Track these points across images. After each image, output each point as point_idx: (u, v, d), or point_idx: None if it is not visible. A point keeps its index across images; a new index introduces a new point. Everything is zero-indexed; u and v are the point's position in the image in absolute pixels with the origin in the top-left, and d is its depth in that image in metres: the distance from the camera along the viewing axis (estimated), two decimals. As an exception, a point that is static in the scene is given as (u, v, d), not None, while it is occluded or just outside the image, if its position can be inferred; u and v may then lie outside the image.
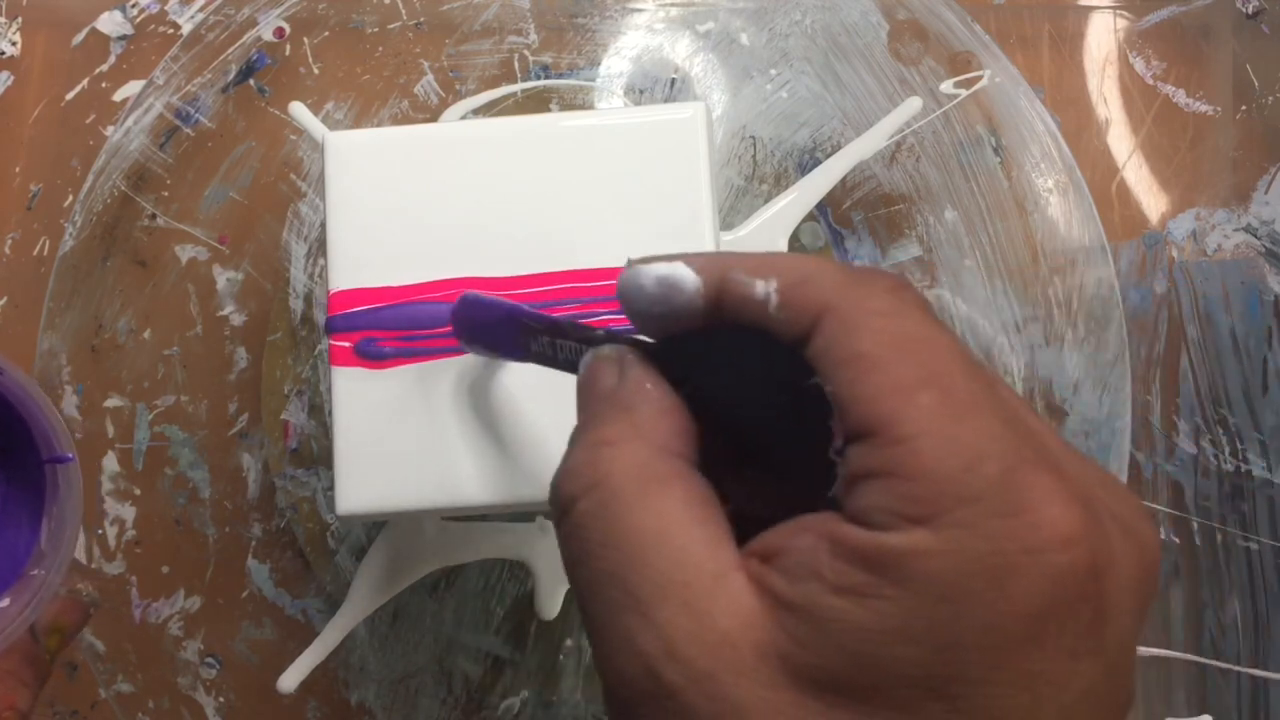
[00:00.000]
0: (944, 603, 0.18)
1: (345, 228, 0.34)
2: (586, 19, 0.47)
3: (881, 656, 0.18)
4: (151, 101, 0.46)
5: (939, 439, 0.18)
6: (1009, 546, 0.18)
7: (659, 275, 0.22)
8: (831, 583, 0.18)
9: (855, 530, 0.19)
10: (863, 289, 0.21)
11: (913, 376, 0.19)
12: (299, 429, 0.45)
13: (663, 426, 0.22)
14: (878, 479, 0.19)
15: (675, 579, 0.20)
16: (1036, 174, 0.44)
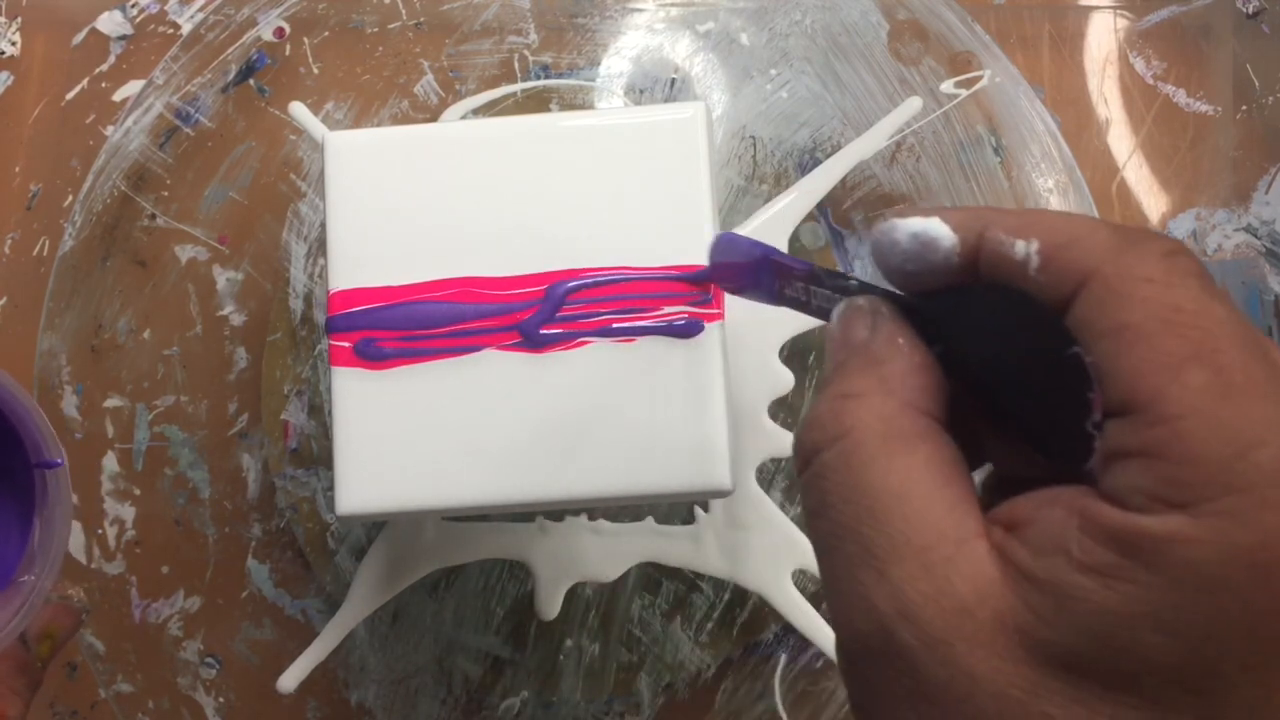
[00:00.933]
0: (1202, 593, 0.17)
1: (345, 228, 0.34)
2: (586, 19, 0.46)
3: (1127, 642, 0.17)
4: (151, 101, 0.46)
5: (1208, 421, 0.17)
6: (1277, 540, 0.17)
7: (914, 230, 0.22)
8: (1079, 560, 0.18)
9: (1109, 509, 0.18)
10: (1133, 254, 0.19)
11: (1182, 351, 0.18)
12: (299, 429, 0.45)
13: (912, 383, 0.22)
14: (1138, 458, 0.18)
15: (915, 540, 0.19)
16: (1037, 174, 0.44)
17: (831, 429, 0.21)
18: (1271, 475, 0.17)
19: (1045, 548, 0.18)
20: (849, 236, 0.45)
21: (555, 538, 0.42)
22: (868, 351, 0.22)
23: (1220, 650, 0.17)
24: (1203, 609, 0.17)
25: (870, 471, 0.20)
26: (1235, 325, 0.19)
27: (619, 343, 0.33)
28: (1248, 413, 0.17)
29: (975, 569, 0.19)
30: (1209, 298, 0.19)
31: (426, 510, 0.33)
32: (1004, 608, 0.18)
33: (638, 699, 0.43)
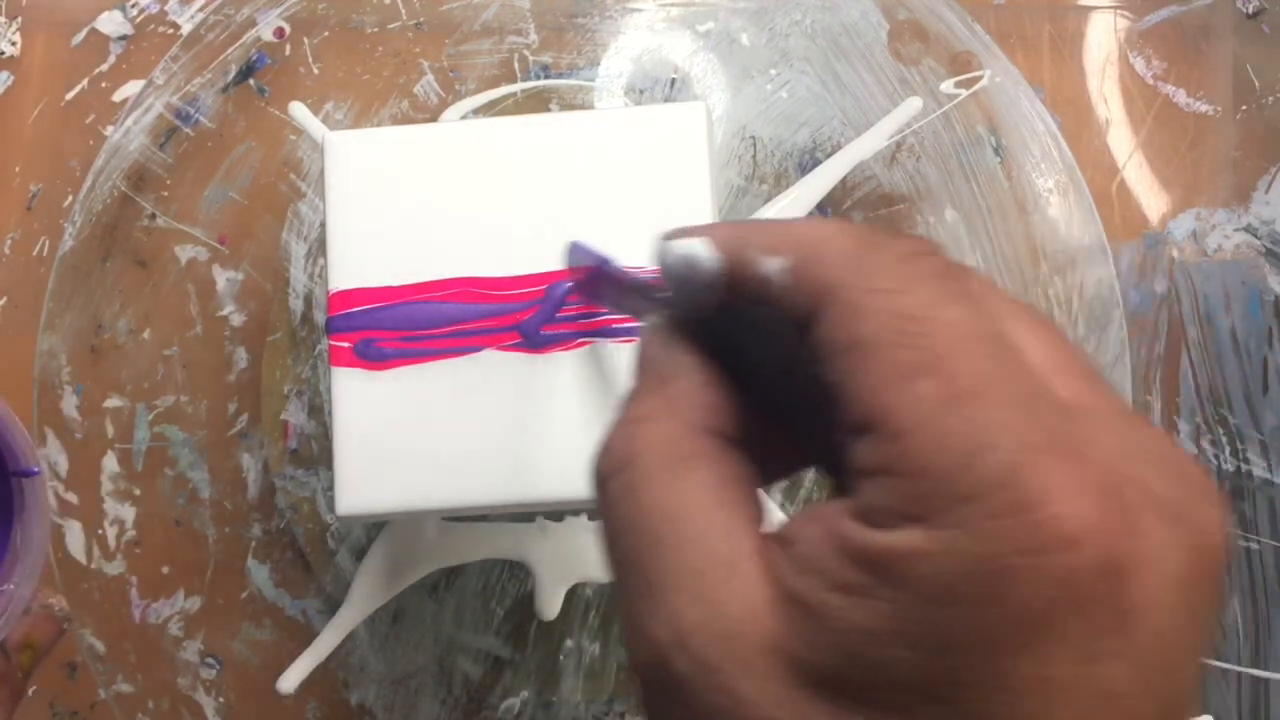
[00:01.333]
0: (937, 606, 0.17)
1: (345, 228, 0.34)
2: (586, 19, 0.46)
3: (877, 658, 0.17)
4: (151, 101, 0.46)
5: (936, 432, 0.17)
6: (1005, 548, 0.17)
7: (682, 253, 0.21)
8: (832, 579, 0.18)
9: (856, 527, 0.18)
10: (869, 262, 0.19)
11: (911, 362, 0.18)
12: (299, 429, 0.45)
13: (698, 401, 0.21)
14: (879, 475, 0.18)
15: (689, 565, 0.19)
16: (1037, 174, 0.44)
17: (618, 456, 0.21)
18: (997, 480, 0.17)
19: (805, 566, 0.18)
20: (849, 236, 0.45)
21: (555, 538, 0.42)
22: (657, 372, 0.22)
23: (958, 660, 0.17)
24: (940, 621, 0.17)
25: (651, 498, 0.20)
26: (968, 326, 0.18)
27: (619, 343, 0.33)
28: (974, 418, 0.17)
29: (744, 591, 0.19)
30: (942, 300, 0.18)
31: (426, 510, 0.33)
32: (770, 630, 0.18)
33: (638, 699, 0.43)
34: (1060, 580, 0.17)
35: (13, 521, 0.38)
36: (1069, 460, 0.17)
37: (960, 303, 0.18)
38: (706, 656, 0.18)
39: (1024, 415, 0.17)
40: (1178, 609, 0.17)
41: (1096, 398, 0.19)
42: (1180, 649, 0.18)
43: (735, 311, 0.22)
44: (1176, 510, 0.18)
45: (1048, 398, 0.18)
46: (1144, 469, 0.18)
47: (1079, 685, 0.17)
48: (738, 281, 0.21)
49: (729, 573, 0.19)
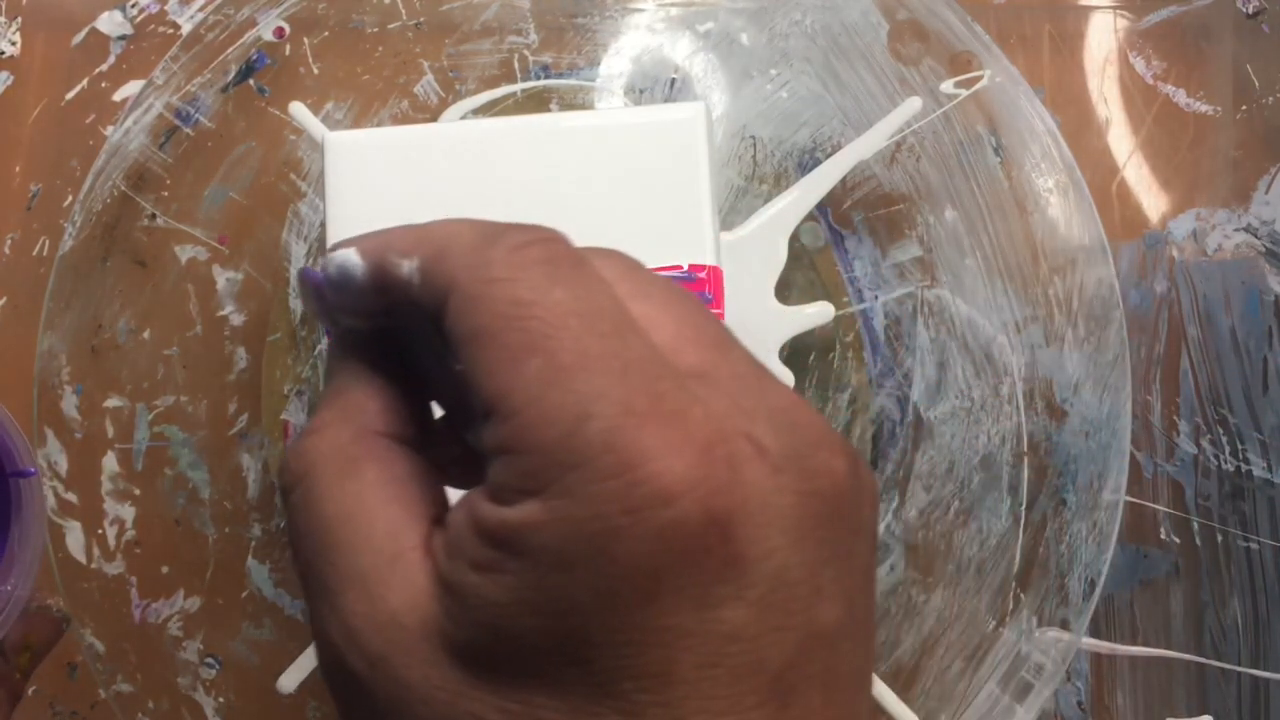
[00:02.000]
0: (555, 571, 0.18)
1: (345, 228, 0.34)
2: (586, 19, 0.46)
3: (512, 628, 0.18)
4: (151, 101, 0.46)
5: (543, 407, 0.18)
6: (609, 509, 0.17)
7: (338, 262, 0.22)
8: (471, 558, 0.19)
9: (487, 506, 0.19)
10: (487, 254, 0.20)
11: (519, 344, 0.19)
12: (299, 429, 0.45)
13: (370, 407, 0.22)
14: (500, 455, 0.19)
15: (356, 564, 0.20)
16: (1036, 174, 0.44)
17: (296, 468, 0.21)
18: (598, 447, 0.18)
19: (452, 550, 0.19)
20: (849, 236, 0.45)
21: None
22: (335, 382, 0.23)
23: (583, 620, 0.18)
24: (559, 586, 0.18)
25: (324, 504, 0.21)
26: (573, 304, 0.19)
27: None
28: (576, 390, 0.18)
29: (406, 581, 0.19)
30: (550, 284, 0.19)
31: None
32: (429, 615, 0.19)
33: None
34: (663, 534, 0.17)
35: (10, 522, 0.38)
36: (669, 421, 0.18)
37: (567, 285, 0.19)
38: (374, 648, 0.19)
39: (625, 383, 0.18)
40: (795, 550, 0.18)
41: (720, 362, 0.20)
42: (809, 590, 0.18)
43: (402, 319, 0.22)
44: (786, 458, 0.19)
45: (655, 366, 0.19)
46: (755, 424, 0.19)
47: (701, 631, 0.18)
48: (383, 286, 0.22)
49: (392, 566, 0.20)
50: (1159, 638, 0.43)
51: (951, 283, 0.44)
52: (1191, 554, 0.43)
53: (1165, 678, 0.42)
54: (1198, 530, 0.43)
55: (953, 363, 0.43)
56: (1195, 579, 0.43)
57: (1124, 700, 0.42)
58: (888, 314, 0.44)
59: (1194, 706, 0.42)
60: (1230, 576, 0.43)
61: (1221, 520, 0.43)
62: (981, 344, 0.44)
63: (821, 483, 0.19)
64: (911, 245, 0.44)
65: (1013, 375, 0.44)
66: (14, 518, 0.37)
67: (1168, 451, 0.44)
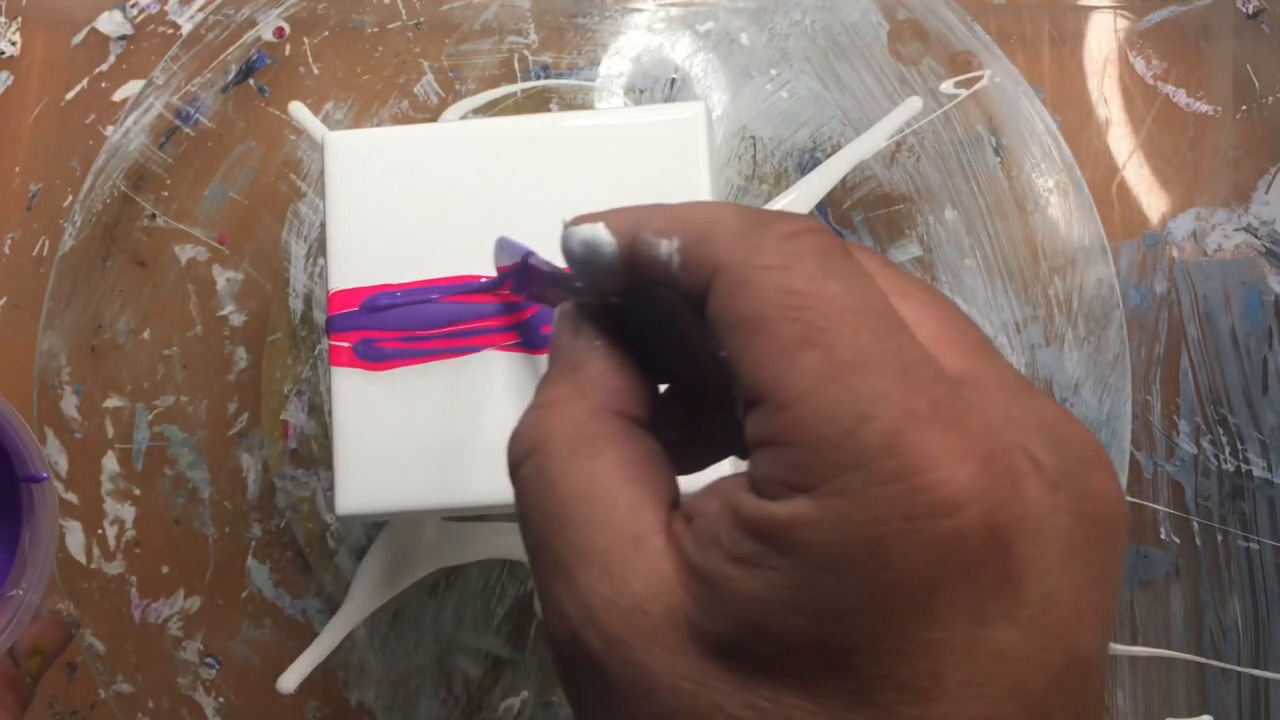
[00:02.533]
0: (826, 573, 0.17)
1: (345, 228, 0.34)
2: (586, 19, 0.46)
3: (774, 626, 0.18)
4: (151, 101, 0.46)
5: (819, 402, 0.18)
6: (889, 514, 0.17)
7: (583, 238, 0.22)
8: (729, 551, 0.18)
9: (750, 498, 0.18)
10: (755, 240, 0.19)
11: (794, 336, 0.18)
12: (299, 429, 0.45)
13: (607, 384, 0.22)
14: (768, 447, 0.18)
15: (597, 543, 0.20)
16: (1036, 174, 0.44)
17: (528, 442, 0.21)
18: (879, 449, 0.17)
19: (704, 539, 0.19)
20: (849, 236, 0.45)
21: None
22: (568, 357, 0.22)
23: (850, 625, 0.17)
24: (829, 588, 0.17)
25: (560, 481, 0.20)
26: (851, 299, 0.18)
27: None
28: (856, 388, 0.18)
29: (650, 566, 0.19)
30: (824, 275, 0.19)
31: (426, 510, 0.33)
32: (675, 603, 0.19)
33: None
34: (944, 545, 0.17)
35: (21, 527, 0.38)
36: (950, 427, 0.17)
37: (842, 278, 0.19)
38: (614, 631, 0.19)
39: (905, 385, 0.18)
40: (1066, 573, 0.18)
41: (985, 368, 0.20)
42: (1074, 612, 0.18)
43: (645, 295, 0.22)
44: (1061, 476, 0.18)
45: (930, 369, 0.18)
46: (1030, 437, 0.18)
47: (970, 647, 0.17)
48: (635, 264, 0.21)
49: (634, 549, 0.19)
50: (1159, 638, 0.43)
51: (951, 283, 0.44)
52: (1191, 554, 0.43)
53: (1165, 677, 0.42)
54: (1198, 530, 0.43)
55: (953, 363, 0.43)
56: (1195, 579, 0.43)
57: (1124, 700, 0.42)
58: (888, 314, 0.44)
59: (1194, 706, 0.42)
60: (1230, 576, 0.43)
61: (1221, 520, 0.43)
62: (981, 344, 0.43)
63: (1094, 505, 0.18)
64: (911, 245, 0.44)
65: (1013, 375, 0.43)
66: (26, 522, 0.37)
67: (1168, 451, 0.44)
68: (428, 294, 0.34)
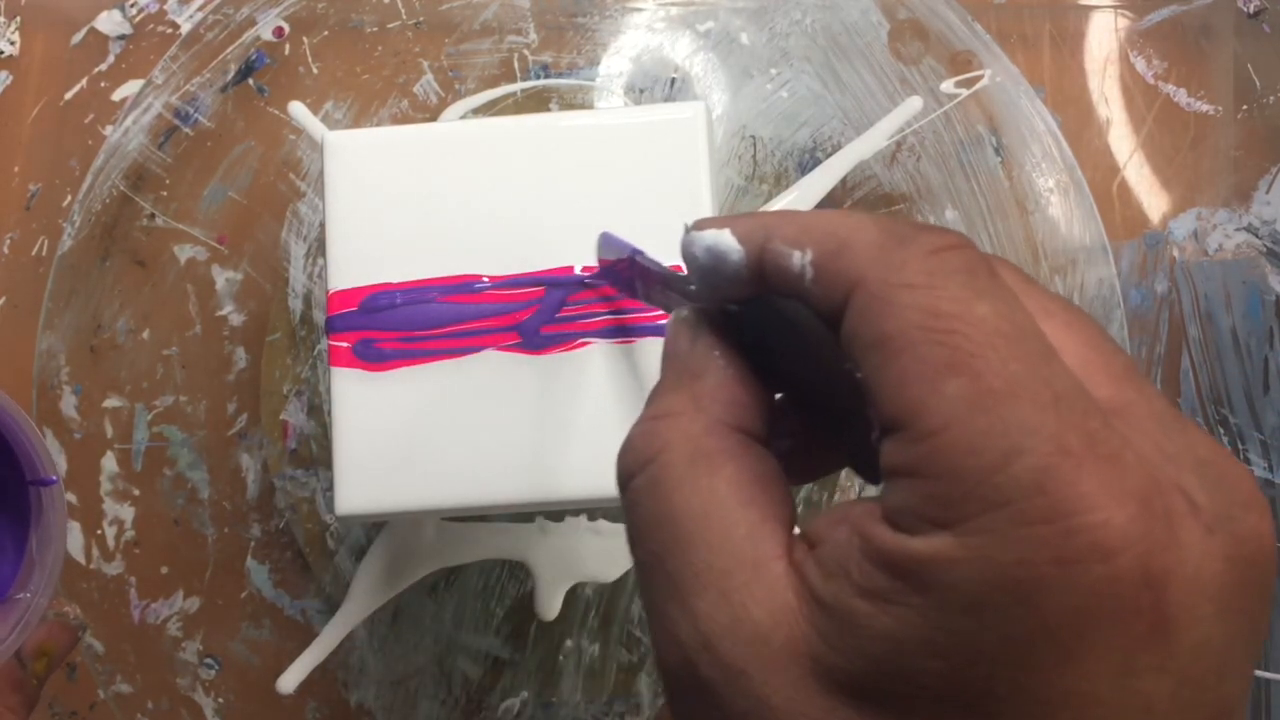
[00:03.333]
0: (967, 615, 0.16)
1: (344, 227, 0.34)
2: (586, 19, 0.46)
3: (907, 666, 0.17)
4: (150, 101, 0.46)
5: (966, 433, 0.17)
6: (1038, 556, 0.16)
7: (707, 244, 0.21)
8: (859, 584, 0.17)
9: (885, 530, 0.17)
10: (897, 256, 0.18)
11: (940, 360, 0.17)
12: (298, 429, 0.44)
13: (724, 397, 0.21)
14: (907, 477, 0.17)
15: (715, 566, 0.19)
16: (1037, 174, 0.44)
17: (643, 453, 0.21)
18: (1029, 487, 0.16)
19: (832, 569, 0.18)
20: (849, 236, 0.45)
21: (555, 538, 0.42)
22: (684, 366, 0.22)
23: (990, 670, 0.17)
24: (969, 630, 0.17)
25: (676, 496, 0.20)
26: (999, 324, 0.17)
27: (619, 344, 0.33)
28: (1006, 420, 0.17)
29: (771, 594, 0.18)
30: (972, 296, 0.18)
31: (426, 510, 0.33)
32: (797, 634, 0.18)
33: (638, 700, 0.43)
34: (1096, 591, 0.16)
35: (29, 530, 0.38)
36: (1105, 465, 0.17)
37: (990, 299, 0.18)
38: (733, 661, 0.18)
39: (1058, 417, 0.17)
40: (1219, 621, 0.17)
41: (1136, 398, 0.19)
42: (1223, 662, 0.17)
43: (765, 304, 0.21)
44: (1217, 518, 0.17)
45: (1083, 399, 0.17)
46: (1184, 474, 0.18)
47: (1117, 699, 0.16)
48: (763, 273, 0.21)
49: (754, 574, 0.19)
50: (1160, 638, 0.43)
51: (952, 283, 0.44)
52: (1192, 554, 0.43)
53: (1166, 678, 0.42)
54: (1198, 530, 0.43)
55: (953, 363, 0.43)
56: (1196, 579, 0.43)
57: (1124, 701, 0.42)
58: (888, 314, 0.44)
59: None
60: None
61: (1222, 520, 0.43)
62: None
63: (1250, 549, 0.17)
64: (912, 245, 0.44)
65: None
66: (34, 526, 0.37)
67: (1168, 452, 0.44)
68: (427, 294, 0.34)
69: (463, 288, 0.34)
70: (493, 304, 0.33)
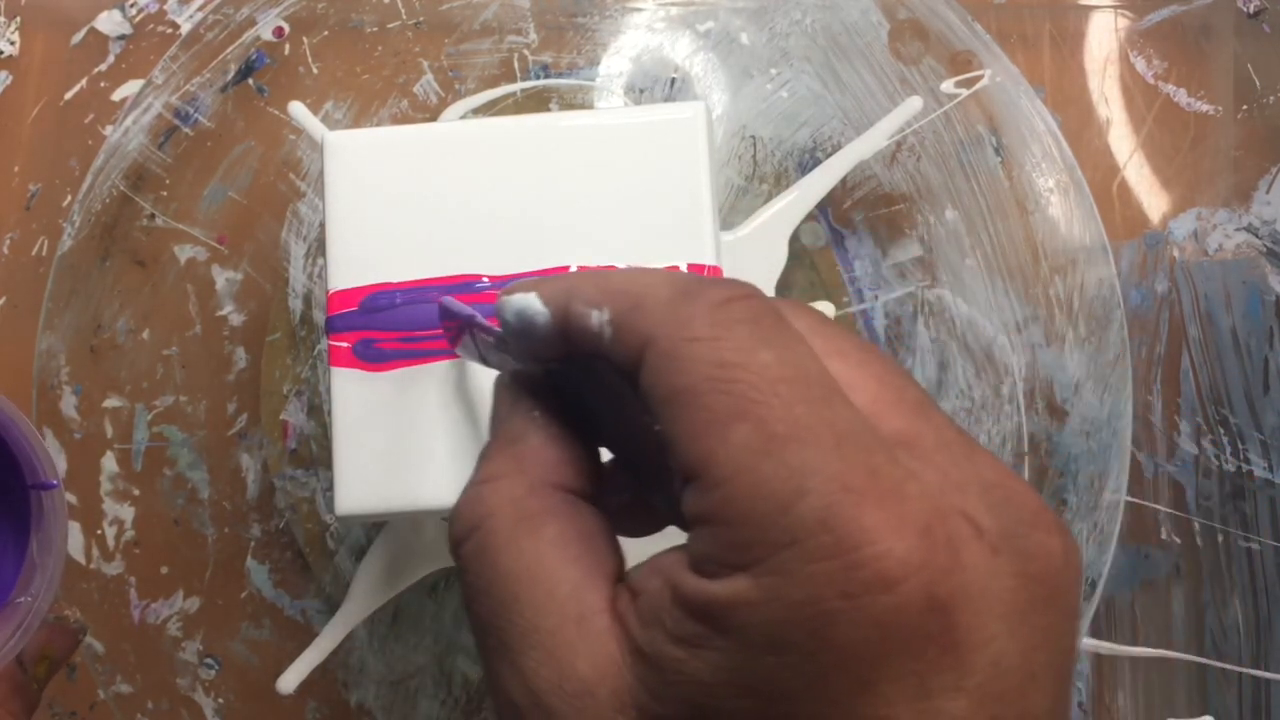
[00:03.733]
0: (767, 653, 0.17)
1: (344, 227, 0.34)
2: (586, 18, 0.46)
3: (720, 708, 0.17)
4: (150, 101, 0.46)
5: (753, 478, 0.17)
6: (826, 591, 0.17)
7: (517, 308, 0.22)
8: (671, 631, 0.18)
9: (690, 577, 0.18)
10: (685, 311, 0.19)
11: (726, 409, 0.18)
12: (298, 429, 0.44)
13: (545, 457, 0.21)
14: (705, 525, 0.18)
15: (540, 625, 0.19)
16: (1037, 174, 0.44)
17: (469, 519, 0.21)
18: (813, 525, 0.17)
19: (648, 619, 0.18)
20: (849, 236, 0.45)
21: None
22: (507, 429, 0.22)
23: (794, 707, 0.17)
24: (771, 669, 0.17)
25: (501, 559, 0.20)
26: (782, 369, 0.18)
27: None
28: (789, 463, 0.17)
29: (595, 647, 0.19)
30: (755, 344, 0.18)
31: (426, 510, 0.33)
32: (622, 685, 0.18)
33: None
34: (884, 620, 0.17)
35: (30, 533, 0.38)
36: (887, 499, 0.17)
37: (773, 346, 0.18)
38: (563, 715, 0.19)
39: (840, 456, 0.17)
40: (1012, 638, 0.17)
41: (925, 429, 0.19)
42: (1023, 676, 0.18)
43: (576, 365, 0.22)
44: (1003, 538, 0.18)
45: (868, 436, 0.18)
46: (970, 500, 0.18)
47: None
48: (569, 334, 0.21)
49: (578, 630, 0.19)
50: (1160, 638, 0.43)
51: (952, 283, 0.44)
52: (1192, 554, 0.43)
53: (1166, 678, 0.42)
54: (1199, 531, 0.43)
55: (953, 363, 0.43)
56: (1196, 579, 0.43)
57: (1125, 701, 0.42)
58: (888, 314, 0.44)
59: (1195, 707, 0.42)
60: (1231, 577, 0.43)
61: (1223, 520, 0.43)
62: (982, 344, 0.43)
63: (1038, 565, 0.18)
64: (912, 245, 0.44)
65: (1013, 375, 0.43)
66: (35, 529, 0.37)
67: (1168, 452, 0.44)
68: (427, 294, 0.34)
69: (463, 288, 0.34)
70: (492, 304, 0.33)
